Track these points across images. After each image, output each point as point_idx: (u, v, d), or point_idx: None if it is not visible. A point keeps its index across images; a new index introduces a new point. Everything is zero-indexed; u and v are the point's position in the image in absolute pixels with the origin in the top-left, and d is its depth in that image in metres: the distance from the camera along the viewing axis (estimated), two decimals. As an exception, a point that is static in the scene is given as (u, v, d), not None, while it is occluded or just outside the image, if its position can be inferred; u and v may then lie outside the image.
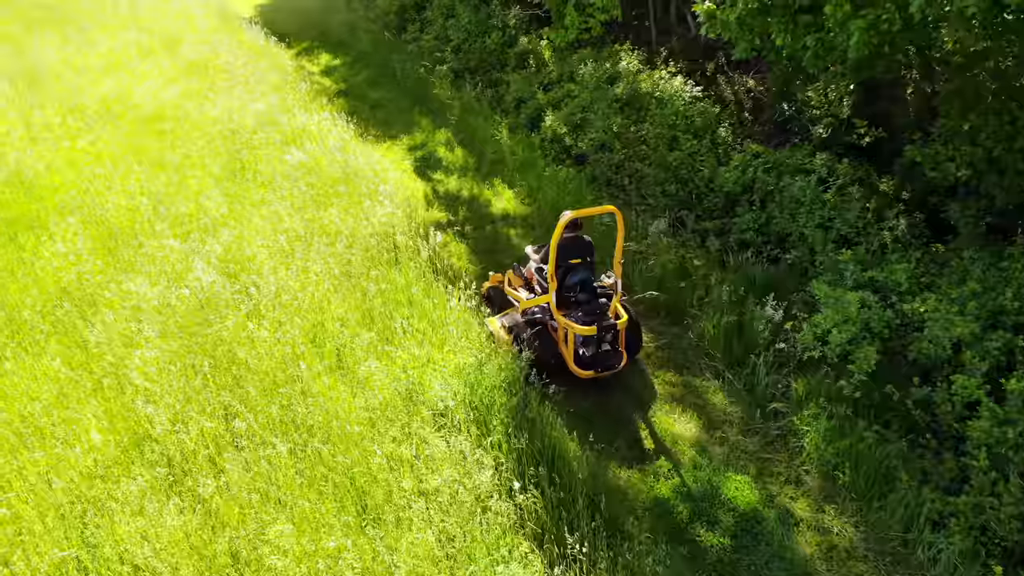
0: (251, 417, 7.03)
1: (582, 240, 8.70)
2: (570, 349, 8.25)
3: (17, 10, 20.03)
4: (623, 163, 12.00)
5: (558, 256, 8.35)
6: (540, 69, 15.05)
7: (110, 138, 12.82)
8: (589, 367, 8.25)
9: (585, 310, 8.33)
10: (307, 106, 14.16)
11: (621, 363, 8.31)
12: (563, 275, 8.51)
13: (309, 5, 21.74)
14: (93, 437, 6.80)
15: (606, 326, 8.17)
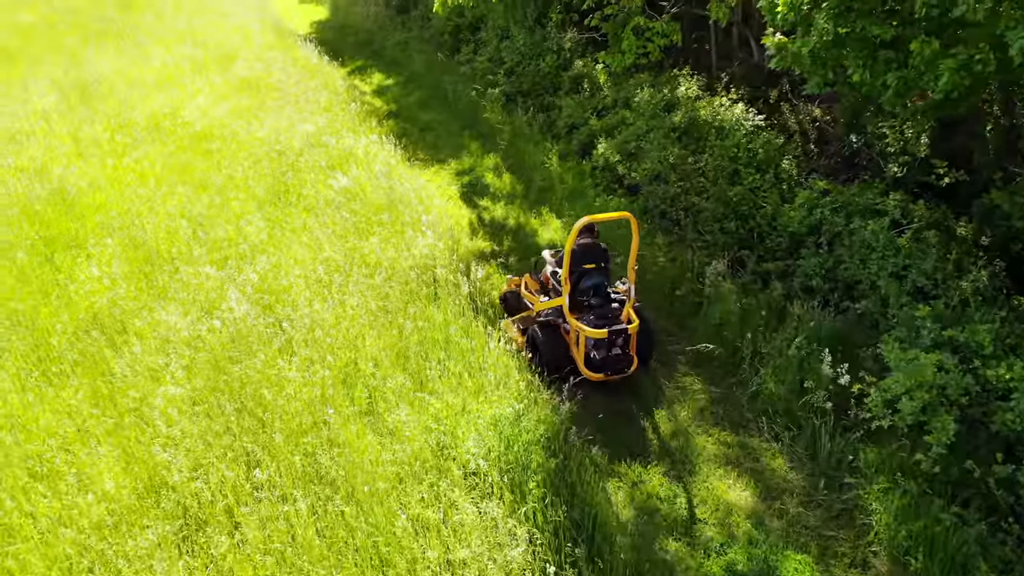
0: (273, 467, 6.58)
1: (597, 246, 8.82)
2: (581, 352, 8.37)
3: (78, 22, 20.23)
4: (679, 196, 11.35)
5: (573, 261, 8.48)
6: (594, 94, 14.50)
7: (156, 156, 12.63)
8: (600, 370, 8.35)
9: (597, 314, 8.44)
10: (356, 128, 13.81)
11: (632, 367, 8.41)
12: (577, 279, 8.59)
13: (365, 23, 21.55)
14: (107, 485, 6.41)
15: (617, 330, 8.24)
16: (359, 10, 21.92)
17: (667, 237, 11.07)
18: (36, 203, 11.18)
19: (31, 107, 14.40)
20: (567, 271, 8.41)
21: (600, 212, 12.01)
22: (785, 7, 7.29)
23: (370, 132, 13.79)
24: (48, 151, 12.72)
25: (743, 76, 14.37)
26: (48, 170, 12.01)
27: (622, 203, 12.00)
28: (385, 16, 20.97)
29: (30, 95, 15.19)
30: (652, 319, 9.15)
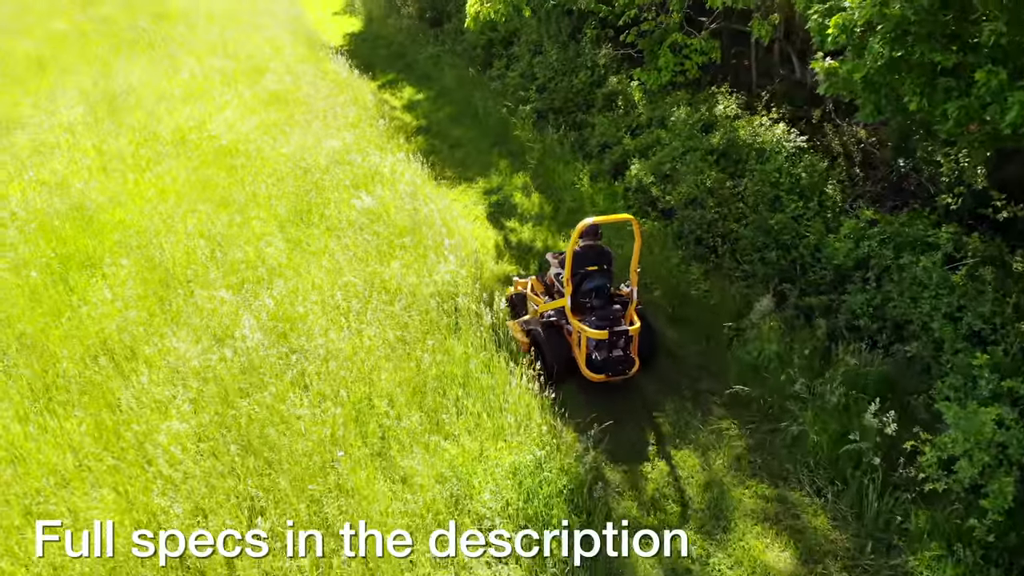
0: (276, 515, 6.17)
1: (601, 248, 8.94)
2: (582, 352, 8.46)
3: (111, 31, 20.16)
4: (716, 222, 10.78)
5: (576, 263, 8.62)
6: (628, 112, 13.98)
7: (179, 171, 12.36)
8: (601, 371, 8.43)
9: (598, 315, 8.55)
10: (383, 145, 13.45)
11: (633, 369, 8.48)
12: (580, 281, 8.70)
13: (398, 36, 21.25)
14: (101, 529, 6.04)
15: (618, 331, 8.35)
16: (392, 22, 21.64)
17: (703, 265, 10.50)
18: (55, 218, 10.94)
19: (58, 119, 14.25)
20: (569, 273, 8.54)
21: (633, 235, 11.55)
22: (836, 29, 6.74)
23: (397, 149, 13.42)
24: (71, 164, 12.52)
25: (784, 94, 13.76)
26: (69, 184, 11.79)
27: (655, 227, 11.47)
28: (418, 29, 20.65)
29: (58, 106, 15.05)
30: (655, 321, 9.29)
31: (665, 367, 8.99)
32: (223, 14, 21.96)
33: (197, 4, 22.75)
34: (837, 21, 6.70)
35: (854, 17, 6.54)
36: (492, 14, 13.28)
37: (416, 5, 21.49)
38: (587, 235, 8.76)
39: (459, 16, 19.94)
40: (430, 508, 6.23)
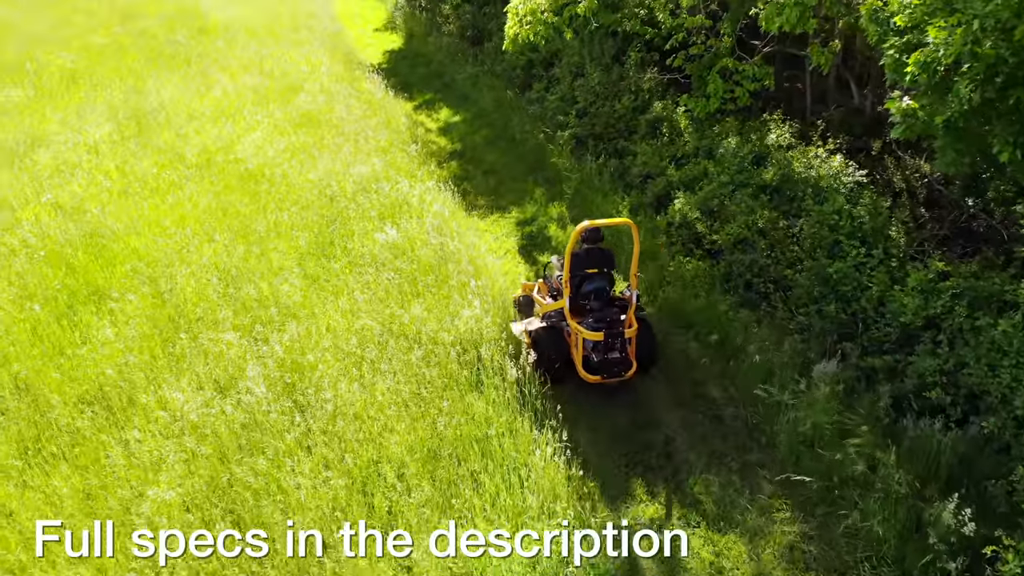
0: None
1: (601, 251, 9.05)
2: (579, 353, 8.50)
3: (149, 45, 19.88)
4: (768, 266, 9.87)
5: (577, 265, 8.80)
6: (674, 140, 13.12)
7: (201, 197, 11.81)
8: (596, 372, 8.46)
9: (596, 317, 8.63)
10: (413, 172, 12.78)
11: (629, 371, 8.51)
12: (580, 283, 8.88)
13: (438, 55, 20.64)
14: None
15: (613, 333, 8.40)
16: (433, 40, 21.05)
17: (753, 313, 9.57)
18: (67, 246, 10.44)
19: (84, 137, 13.85)
20: (567, 275, 8.69)
21: (675, 275, 10.70)
22: (916, 68, 5.86)
23: (428, 177, 12.73)
24: (91, 187, 12.06)
25: (841, 123, 12.81)
26: (86, 209, 11.31)
27: (700, 266, 10.59)
28: (458, 47, 20.01)
29: (86, 123, 14.68)
30: (654, 325, 9.24)
31: (710, 431, 8.11)
32: (263, 29, 21.59)
33: (238, 19, 22.46)
34: (918, 59, 5.82)
35: (938, 55, 5.65)
36: (531, 36, 12.57)
37: (457, 23, 20.88)
38: (589, 238, 8.92)
39: (500, 35, 19.26)
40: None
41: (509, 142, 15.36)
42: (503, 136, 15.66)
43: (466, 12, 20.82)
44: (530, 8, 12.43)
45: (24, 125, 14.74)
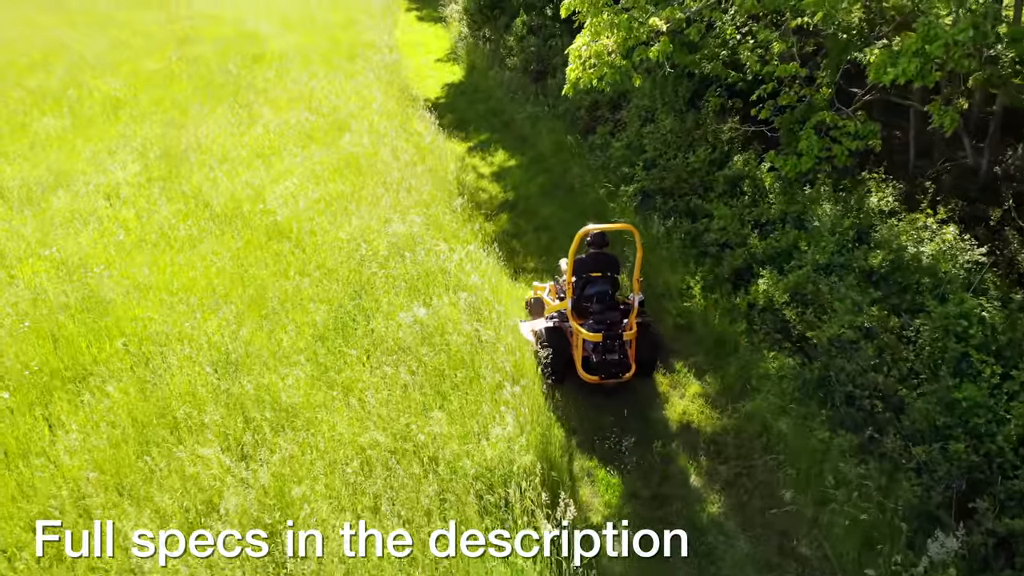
0: None
1: (605, 256, 9.21)
2: (579, 354, 8.67)
3: (199, 73, 18.86)
4: (876, 378, 7.88)
5: (581, 268, 9.03)
6: (756, 202, 11.22)
7: (219, 255, 10.41)
8: (595, 372, 8.61)
9: (597, 319, 8.78)
10: (456, 231, 11.19)
11: (628, 373, 8.62)
12: (583, 286, 9.06)
13: (498, 90, 19.11)
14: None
15: (612, 335, 8.52)
16: (494, 75, 19.55)
17: (855, 436, 7.59)
18: (60, 311, 9.14)
19: (108, 178, 12.69)
20: (570, 277, 8.96)
21: (759, 375, 8.81)
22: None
23: (471, 237, 11.11)
24: (102, 239, 10.79)
25: (953, 184, 10.80)
26: (89, 267, 10.01)
27: (788, 365, 8.69)
28: (520, 83, 18.45)
29: (115, 160, 13.56)
30: (659, 331, 9.41)
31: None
32: (319, 57, 20.42)
33: (295, 47, 21.38)
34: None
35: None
36: (594, 81, 10.87)
37: (521, 56, 19.34)
38: (594, 243, 9.16)
39: (564, 72, 17.68)
40: None
41: (567, 193, 13.66)
42: (561, 185, 13.97)
43: (531, 45, 19.29)
44: (595, 50, 10.73)
45: (51, 161, 13.69)
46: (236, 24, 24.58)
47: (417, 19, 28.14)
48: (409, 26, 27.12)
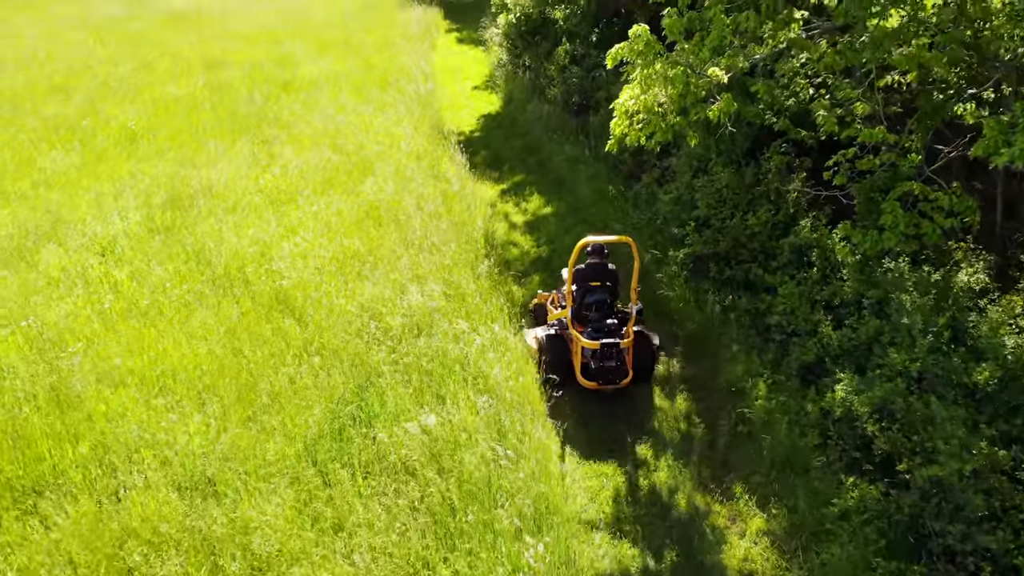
0: None
1: (604, 266, 9.32)
2: (578, 360, 8.77)
3: (223, 103, 17.73)
4: (986, 531, 6.26)
5: (582, 279, 9.19)
6: (828, 278, 9.60)
7: (211, 330, 9.13)
8: (593, 379, 8.72)
9: (595, 327, 8.85)
10: (480, 305, 9.73)
11: (624, 380, 8.71)
12: (583, 295, 9.15)
13: (536, 125, 17.66)
14: None
15: (609, 343, 8.60)
16: (533, 107, 18.09)
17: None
18: (22, 403, 7.91)
19: (106, 229, 11.51)
20: (570, 287, 9.05)
21: (832, 507, 7.21)
22: None
23: (497, 312, 9.66)
24: (87, 306, 9.57)
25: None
26: (66, 343, 8.79)
27: (870, 497, 7.09)
28: (559, 118, 16.99)
29: (119, 204, 12.40)
30: (657, 339, 9.31)
31: None
32: (350, 86, 19.20)
33: (327, 73, 20.20)
34: None
35: None
36: (643, 139, 9.38)
37: (562, 87, 17.89)
38: (594, 254, 9.32)
39: (607, 109, 16.18)
40: None
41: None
42: (604, 244, 12.43)
43: (573, 75, 17.82)
44: (645, 104, 9.24)
45: (52, 203, 12.58)
46: (269, 45, 23.54)
47: (457, 41, 26.87)
48: (448, 49, 25.85)
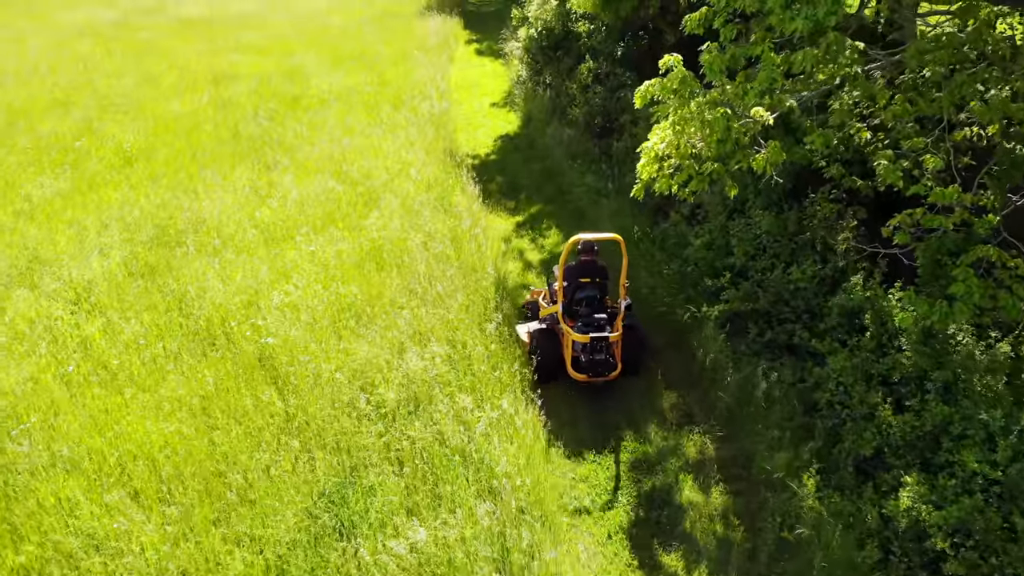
0: None
1: (594, 263, 9.46)
2: (569, 354, 9.00)
3: (228, 121, 16.69)
4: None
5: (572, 275, 9.39)
6: (884, 348, 8.33)
7: (181, 403, 8.04)
8: (584, 371, 8.92)
9: (585, 321, 9.02)
10: (489, 371, 8.55)
11: (613, 372, 8.93)
12: (574, 291, 9.35)
13: (556, 148, 16.45)
14: None
15: (598, 336, 8.78)
16: (553, 129, 16.87)
17: None
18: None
19: (82, 273, 10.47)
20: (560, 283, 9.31)
21: None
22: None
23: (508, 379, 8.48)
24: (49, 368, 8.52)
25: None
26: (20, 416, 7.73)
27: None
28: (581, 144, 15.76)
29: (101, 241, 11.35)
30: (645, 333, 9.54)
31: None
32: (362, 103, 18.08)
33: (339, 89, 19.11)
34: None
35: None
36: (675, 187, 8.19)
37: (584, 108, 16.67)
38: (584, 251, 9.43)
39: (633, 135, 14.96)
40: None
41: (637, 299, 10.89)
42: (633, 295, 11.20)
43: (596, 95, 16.61)
44: (679, 150, 8.03)
45: (31, 238, 11.57)
46: (281, 57, 22.51)
47: (476, 52, 25.70)
48: (467, 61, 24.67)
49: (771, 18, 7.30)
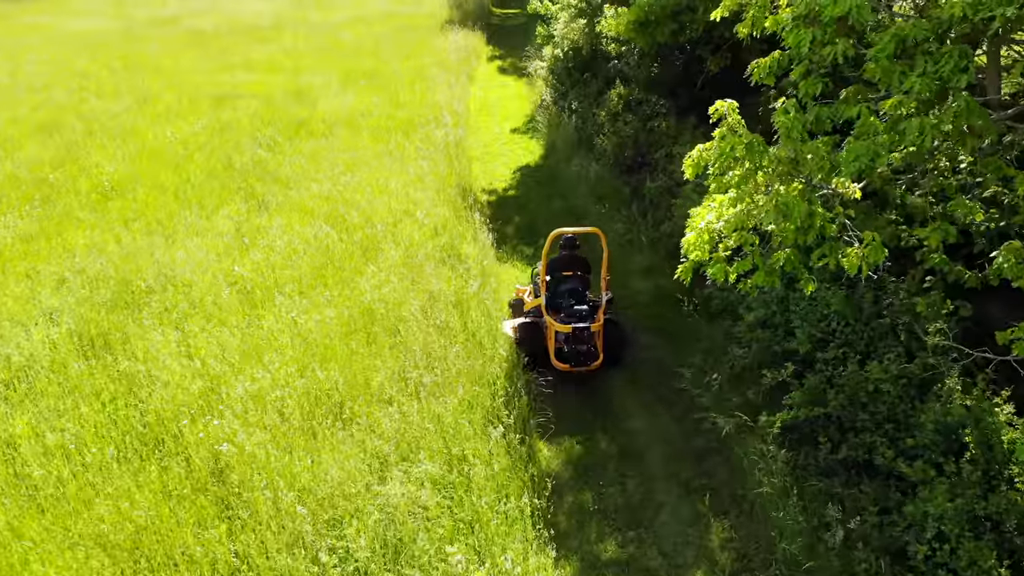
0: None
1: (577, 257, 9.65)
2: (552, 345, 8.92)
3: (221, 148, 15.19)
4: None
5: (555, 268, 9.52)
6: (992, 480, 6.45)
7: (102, 538, 6.30)
8: (566, 361, 8.88)
9: (567, 313, 9.05)
10: (494, 502, 6.72)
11: (595, 363, 8.87)
12: (556, 284, 9.45)
13: (580, 184, 14.61)
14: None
15: (580, 327, 8.76)
16: (578, 163, 15.00)
17: None
18: None
19: (20, 347, 8.80)
20: (543, 276, 9.39)
21: None
22: None
23: (516, 515, 6.63)
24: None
25: None
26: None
27: None
28: (610, 182, 13.89)
29: (52, 303, 9.69)
30: (628, 325, 9.58)
31: None
32: (370, 130, 16.33)
33: (348, 112, 17.39)
34: None
35: None
36: (732, 277, 6.33)
37: (613, 138, 14.82)
38: (565, 245, 9.63)
39: (668, 172, 13.06)
40: None
41: (667, 403, 8.97)
42: (660, 382, 9.28)
43: (627, 124, 14.76)
44: (735, 230, 6.17)
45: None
46: (291, 75, 20.88)
47: (499, 71, 23.89)
48: (488, 80, 22.87)
49: (872, 68, 5.43)
